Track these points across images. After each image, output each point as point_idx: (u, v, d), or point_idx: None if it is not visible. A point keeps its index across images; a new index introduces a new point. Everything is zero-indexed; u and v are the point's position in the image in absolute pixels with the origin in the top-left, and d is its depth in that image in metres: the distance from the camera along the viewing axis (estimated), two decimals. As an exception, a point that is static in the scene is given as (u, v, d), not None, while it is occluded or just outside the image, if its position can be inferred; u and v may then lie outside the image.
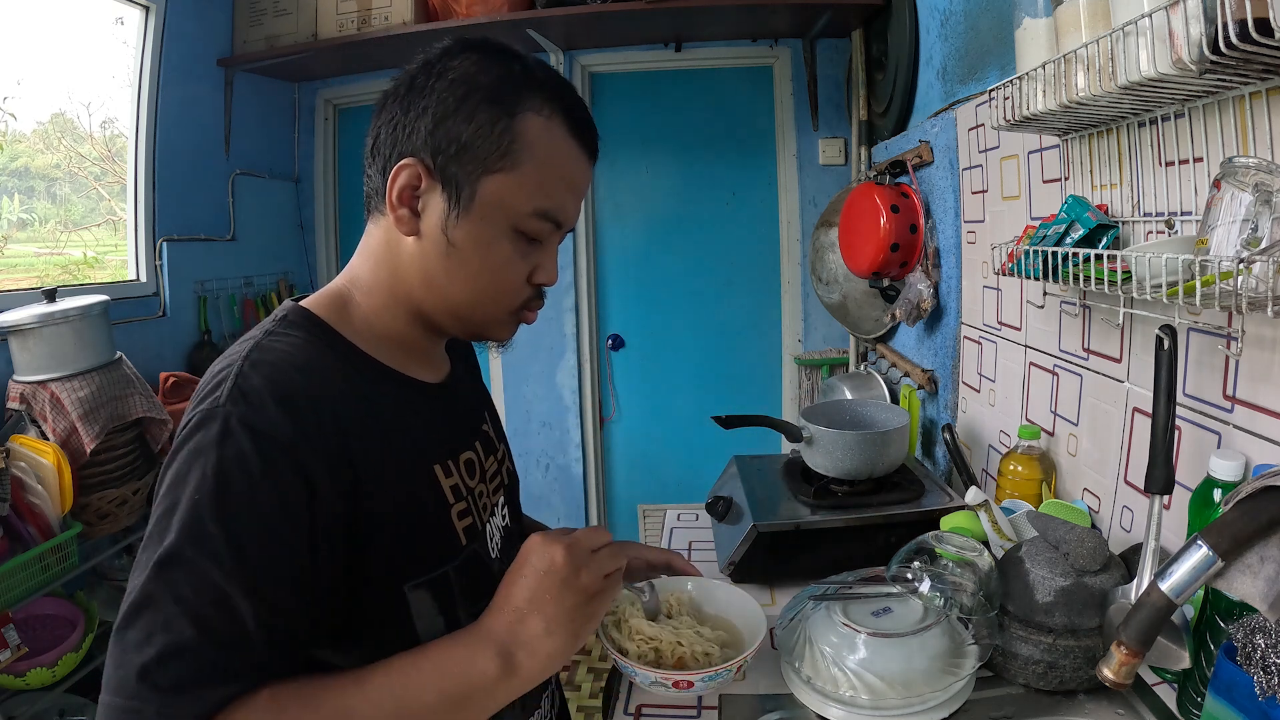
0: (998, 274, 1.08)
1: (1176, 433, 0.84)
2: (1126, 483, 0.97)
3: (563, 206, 0.66)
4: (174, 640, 0.48)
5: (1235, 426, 0.77)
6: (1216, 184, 0.66)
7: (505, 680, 0.57)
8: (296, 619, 0.53)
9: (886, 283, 1.78)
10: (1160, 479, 0.74)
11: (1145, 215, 0.90)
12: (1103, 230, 0.90)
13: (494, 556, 0.72)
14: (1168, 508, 0.83)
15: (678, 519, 1.47)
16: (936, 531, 0.94)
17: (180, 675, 0.47)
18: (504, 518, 0.78)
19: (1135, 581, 0.73)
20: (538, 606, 0.58)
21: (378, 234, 0.68)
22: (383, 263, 0.67)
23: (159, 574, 0.49)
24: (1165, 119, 0.84)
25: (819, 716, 0.82)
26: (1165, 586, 0.58)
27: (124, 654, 0.48)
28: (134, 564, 0.52)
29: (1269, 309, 0.59)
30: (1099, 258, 0.83)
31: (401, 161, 0.62)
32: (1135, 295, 0.75)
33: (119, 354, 1.77)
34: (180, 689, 0.47)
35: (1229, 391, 0.78)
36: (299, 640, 0.54)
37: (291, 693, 0.51)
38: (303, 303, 0.66)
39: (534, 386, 2.79)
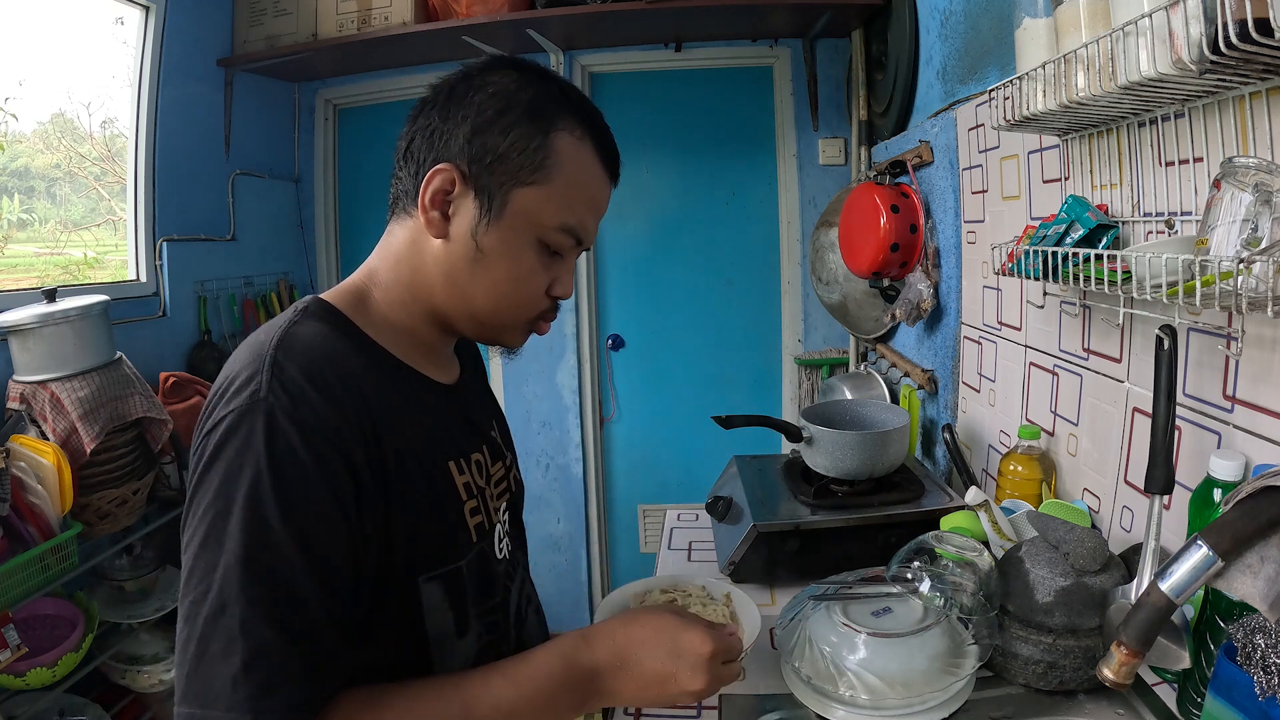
0: (998, 274, 1.08)
1: (1176, 433, 0.84)
2: (1126, 483, 0.97)
3: (584, 224, 0.68)
4: (255, 644, 0.49)
5: (1235, 426, 0.77)
6: (1216, 184, 0.66)
7: (572, 715, 0.61)
8: (351, 606, 0.55)
9: (886, 283, 1.78)
10: (1160, 479, 0.74)
11: (1145, 215, 0.90)
12: (1103, 230, 0.90)
13: (499, 558, 0.73)
14: (1168, 508, 0.83)
15: (678, 519, 1.47)
16: (936, 531, 0.94)
17: (269, 677, 0.49)
18: (505, 524, 0.79)
19: (1135, 581, 0.73)
20: (644, 684, 0.62)
21: (402, 234, 0.69)
22: (405, 261, 0.68)
23: (231, 578, 0.50)
24: (1165, 119, 0.84)
25: (819, 716, 0.82)
26: (1165, 586, 0.58)
27: (209, 665, 0.49)
28: (188, 569, 0.52)
29: (1269, 309, 0.59)
30: (1099, 258, 0.83)
31: (437, 166, 0.64)
32: (1135, 295, 0.75)
33: (119, 354, 1.77)
34: (270, 690, 0.49)
35: (1229, 391, 0.78)
36: (353, 625, 0.56)
37: (392, 694, 0.54)
38: (322, 295, 0.68)
39: (534, 386, 2.79)
